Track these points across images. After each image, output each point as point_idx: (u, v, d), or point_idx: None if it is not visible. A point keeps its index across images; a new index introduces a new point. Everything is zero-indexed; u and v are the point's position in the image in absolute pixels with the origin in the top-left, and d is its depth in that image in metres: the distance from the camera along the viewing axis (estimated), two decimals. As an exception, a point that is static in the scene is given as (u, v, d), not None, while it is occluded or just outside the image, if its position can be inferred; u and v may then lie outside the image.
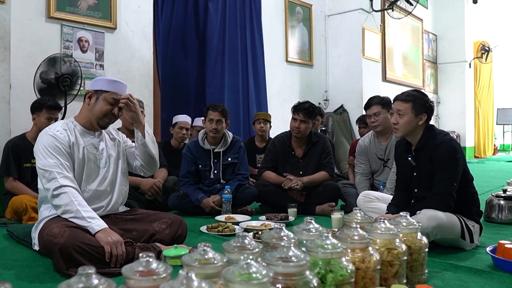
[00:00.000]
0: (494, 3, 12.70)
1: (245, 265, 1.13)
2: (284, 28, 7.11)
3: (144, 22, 5.14)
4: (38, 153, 2.30)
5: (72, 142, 2.36)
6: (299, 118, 3.82)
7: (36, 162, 2.31)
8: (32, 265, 2.26)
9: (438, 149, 2.50)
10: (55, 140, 2.31)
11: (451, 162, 2.47)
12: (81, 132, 2.43)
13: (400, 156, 2.77)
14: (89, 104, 2.44)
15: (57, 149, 2.29)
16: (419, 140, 2.61)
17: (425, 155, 2.56)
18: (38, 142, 2.33)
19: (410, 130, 2.60)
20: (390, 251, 1.71)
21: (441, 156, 2.48)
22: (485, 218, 3.44)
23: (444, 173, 2.46)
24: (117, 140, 2.63)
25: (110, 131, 2.65)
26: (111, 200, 2.49)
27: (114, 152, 2.56)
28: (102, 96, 2.41)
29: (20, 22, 4.14)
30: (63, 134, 2.35)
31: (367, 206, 2.98)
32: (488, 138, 12.47)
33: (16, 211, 3.32)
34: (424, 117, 2.59)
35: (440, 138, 2.53)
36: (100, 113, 2.41)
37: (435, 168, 2.50)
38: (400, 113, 2.60)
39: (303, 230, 1.72)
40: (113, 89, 2.42)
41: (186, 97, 5.50)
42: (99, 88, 2.42)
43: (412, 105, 2.58)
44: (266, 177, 3.94)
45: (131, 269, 1.16)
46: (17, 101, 3.99)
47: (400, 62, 9.74)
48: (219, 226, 3.04)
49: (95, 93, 2.43)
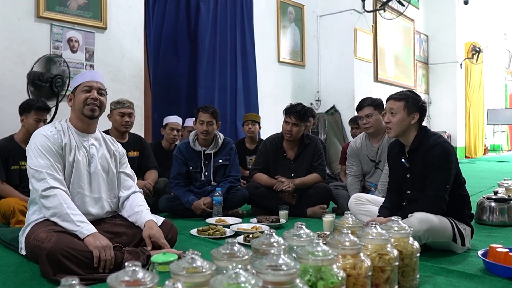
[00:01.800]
0: (485, 4, 12.78)
1: (234, 275, 1.11)
2: (276, 28, 7.09)
3: (135, 22, 5.09)
4: (30, 152, 2.28)
5: (64, 144, 2.34)
6: (291, 121, 3.79)
7: (27, 162, 2.29)
8: (18, 271, 2.22)
9: (431, 151, 2.50)
10: (47, 141, 2.29)
11: (444, 165, 2.47)
12: (74, 134, 2.42)
13: (394, 158, 2.76)
14: (72, 106, 2.45)
15: (49, 150, 2.27)
16: (413, 142, 2.61)
17: (419, 157, 2.56)
18: (31, 142, 2.31)
19: (403, 129, 2.60)
20: (382, 257, 1.69)
21: (434, 159, 2.48)
22: (476, 220, 3.44)
23: (437, 175, 2.46)
24: (114, 151, 2.59)
25: (112, 141, 2.63)
26: (99, 208, 2.45)
27: (106, 160, 2.52)
28: (77, 90, 2.42)
29: (9, 22, 4.08)
30: (56, 135, 2.33)
31: (359, 209, 2.97)
32: (478, 138, 12.55)
33: (3, 214, 3.27)
34: (416, 116, 2.60)
35: (434, 140, 2.54)
36: (80, 104, 2.39)
37: (428, 170, 2.50)
38: (393, 111, 2.62)
39: (294, 235, 1.69)
40: (84, 79, 2.42)
41: (177, 98, 5.47)
42: (73, 87, 2.45)
43: (405, 103, 2.59)
44: (257, 179, 3.92)
45: (116, 278, 1.13)
46: (6, 102, 3.94)
47: (391, 62, 9.76)
48: (210, 229, 3.02)
49: (72, 93, 2.45)
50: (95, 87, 2.41)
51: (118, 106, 3.78)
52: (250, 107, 6.29)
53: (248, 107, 6.28)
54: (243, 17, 6.30)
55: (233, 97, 6.17)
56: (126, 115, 3.79)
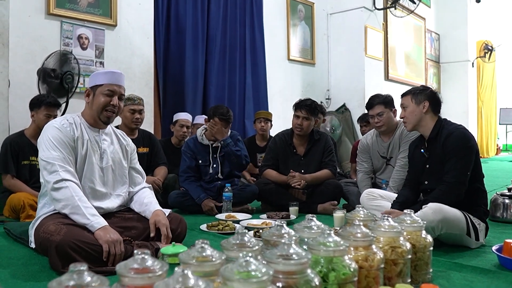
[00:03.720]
0: (497, 2, 12.61)
1: (244, 263, 1.08)
2: (286, 26, 7.06)
3: (145, 19, 5.10)
4: (42, 145, 2.27)
5: (77, 137, 2.33)
6: (301, 115, 3.77)
7: (39, 154, 2.27)
8: (28, 264, 2.22)
9: (451, 137, 2.51)
10: (59, 133, 2.27)
11: (463, 151, 2.47)
12: (86, 128, 2.40)
13: (414, 152, 2.78)
14: (88, 102, 2.41)
15: (61, 142, 2.26)
16: (431, 131, 2.63)
17: (438, 146, 2.56)
18: (43, 134, 2.30)
19: (416, 119, 2.66)
20: (394, 250, 1.66)
21: (453, 145, 2.48)
22: (490, 217, 3.38)
23: (457, 162, 2.46)
24: (125, 146, 2.59)
25: (123, 136, 2.62)
26: (110, 203, 2.44)
27: (118, 155, 2.51)
28: (98, 90, 2.37)
29: (20, 19, 4.10)
30: (68, 127, 2.32)
31: (371, 204, 2.94)
32: (491, 138, 12.38)
33: (14, 208, 3.28)
34: (426, 104, 2.65)
35: (453, 128, 2.56)
36: (99, 107, 2.37)
37: (447, 157, 2.49)
38: (404, 106, 2.73)
39: (305, 227, 1.67)
40: (108, 80, 2.37)
41: (187, 95, 5.45)
42: (94, 84, 2.39)
43: (411, 96, 2.70)
44: (267, 175, 3.89)
45: (125, 266, 1.11)
46: (16, 98, 3.96)
47: (402, 61, 9.67)
48: (219, 225, 3.00)
49: (91, 89, 2.40)
50: (117, 92, 2.39)
51: (129, 103, 3.77)
52: (260, 105, 6.27)
53: (258, 105, 6.25)
54: (252, 14, 6.28)
55: (241, 94, 6.15)
56: (137, 112, 3.78)
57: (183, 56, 5.41)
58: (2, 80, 3.70)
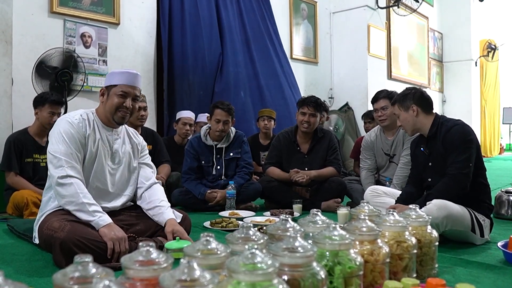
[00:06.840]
0: (501, 1, 12.56)
1: (250, 255, 1.07)
2: (289, 25, 7.06)
3: (148, 17, 5.10)
4: (52, 138, 2.26)
5: (88, 134, 2.31)
6: (308, 112, 3.76)
7: (48, 146, 2.26)
8: (31, 259, 2.22)
9: (450, 132, 2.50)
10: (71, 128, 2.26)
11: (464, 144, 2.46)
12: (99, 126, 2.39)
13: (415, 150, 2.77)
14: (102, 102, 2.40)
15: (71, 137, 2.24)
16: (430, 130, 2.61)
17: (438, 142, 2.55)
18: (55, 127, 2.29)
19: (411, 125, 2.67)
20: (400, 244, 1.65)
21: (454, 139, 2.47)
22: (495, 214, 3.35)
23: (459, 155, 2.44)
24: (137, 144, 2.57)
25: (135, 135, 2.60)
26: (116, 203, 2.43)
27: (129, 155, 2.50)
28: (113, 90, 2.35)
29: (23, 17, 4.10)
30: (81, 123, 2.31)
31: (375, 201, 2.92)
32: (494, 137, 12.34)
33: (17, 206, 3.28)
34: (414, 108, 2.63)
35: (452, 123, 2.55)
36: (112, 108, 2.35)
37: (448, 152, 2.48)
38: (395, 114, 2.77)
39: (309, 222, 1.66)
40: (123, 81, 2.35)
41: (190, 93, 5.44)
42: (108, 84, 2.38)
43: (398, 104, 2.70)
44: (270, 173, 3.88)
45: (130, 258, 1.11)
46: (19, 96, 3.96)
47: (405, 60, 9.65)
48: (223, 222, 2.99)
49: (106, 89, 2.39)
50: (131, 94, 2.36)
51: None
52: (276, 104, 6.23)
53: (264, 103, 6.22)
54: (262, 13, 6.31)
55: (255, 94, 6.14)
56: (142, 109, 3.78)
57: (185, 54, 5.38)
58: (5, 78, 3.70)
